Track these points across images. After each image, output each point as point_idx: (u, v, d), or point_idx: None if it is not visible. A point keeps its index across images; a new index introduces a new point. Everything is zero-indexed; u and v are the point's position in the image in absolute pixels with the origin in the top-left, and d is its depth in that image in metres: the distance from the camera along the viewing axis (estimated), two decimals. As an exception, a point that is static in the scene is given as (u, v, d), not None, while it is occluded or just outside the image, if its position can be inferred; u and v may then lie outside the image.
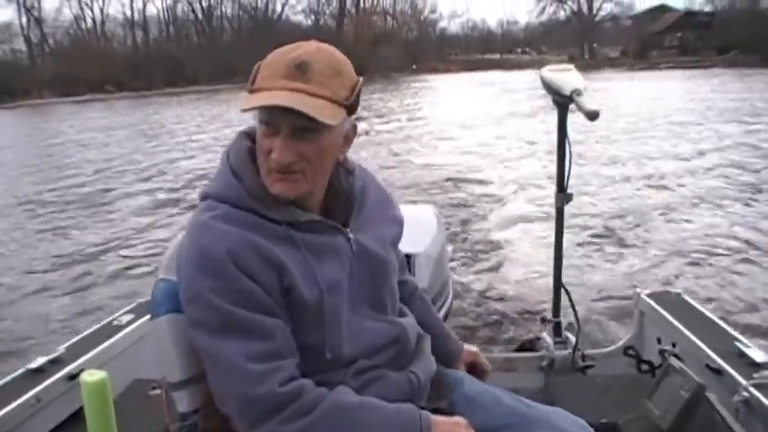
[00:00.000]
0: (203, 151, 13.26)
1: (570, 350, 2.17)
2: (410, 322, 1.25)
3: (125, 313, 2.23)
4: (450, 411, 1.17)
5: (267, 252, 1.03)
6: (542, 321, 2.35)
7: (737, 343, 1.82)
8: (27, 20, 47.24)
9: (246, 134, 1.14)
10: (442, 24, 66.67)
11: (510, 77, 34.94)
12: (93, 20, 51.44)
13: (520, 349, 2.50)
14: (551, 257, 2.26)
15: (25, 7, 47.08)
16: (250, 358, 0.99)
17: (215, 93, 34.59)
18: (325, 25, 54.46)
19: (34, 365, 1.80)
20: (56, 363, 1.83)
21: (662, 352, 1.85)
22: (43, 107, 33.33)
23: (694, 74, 32.75)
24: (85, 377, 1.11)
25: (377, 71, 41.90)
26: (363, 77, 1.12)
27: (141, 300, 2.34)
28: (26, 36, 47.28)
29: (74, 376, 1.77)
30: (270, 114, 1.03)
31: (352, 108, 1.09)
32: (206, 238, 1.03)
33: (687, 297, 2.27)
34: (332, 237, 1.12)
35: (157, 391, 1.20)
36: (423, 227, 2.34)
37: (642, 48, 49.62)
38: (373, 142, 12.43)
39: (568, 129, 2.06)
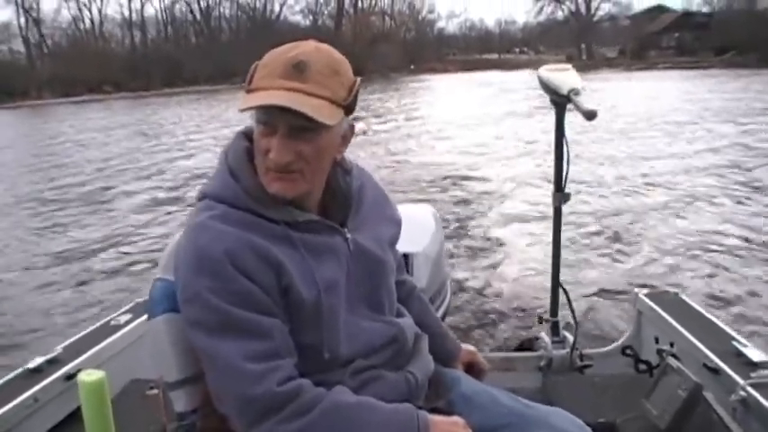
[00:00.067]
0: (202, 151, 13.28)
1: (568, 350, 2.17)
2: (407, 322, 1.25)
3: (122, 313, 2.23)
4: (447, 411, 1.17)
5: (265, 252, 1.03)
6: (540, 321, 2.34)
7: (735, 342, 1.82)
8: (25, 20, 47.42)
9: (244, 134, 1.14)
10: (440, 24, 67.02)
11: (508, 77, 35.00)
12: (91, 20, 51.65)
13: (518, 349, 2.50)
14: (549, 256, 2.26)
15: (24, 8, 47.23)
16: (248, 358, 0.99)
17: (213, 93, 34.59)
18: (323, 25, 54.53)
19: (32, 365, 1.80)
20: (53, 363, 1.83)
21: (660, 352, 1.86)
22: (42, 108, 33.33)
23: (692, 74, 32.79)
24: (83, 377, 1.11)
25: (375, 71, 41.93)
26: (361, 77, 1.12)
27: (139, 299, 2.33)
28: (25, 37, 47.40)
29: (71, 376, 1.76)
30: (267, 114, 1.03)
31: (349, 108, 1.08)
32: (204, 238, 1.03)
33: (685, 297, 2.27)
34: (330, 237, 1.12)
35: (155, 391, 1.19)
36: (421, 226, 2.34)
37: (640, 48, 49.65)
38: (371, 142, 12.44)
39: (566, 128, 2.06)
